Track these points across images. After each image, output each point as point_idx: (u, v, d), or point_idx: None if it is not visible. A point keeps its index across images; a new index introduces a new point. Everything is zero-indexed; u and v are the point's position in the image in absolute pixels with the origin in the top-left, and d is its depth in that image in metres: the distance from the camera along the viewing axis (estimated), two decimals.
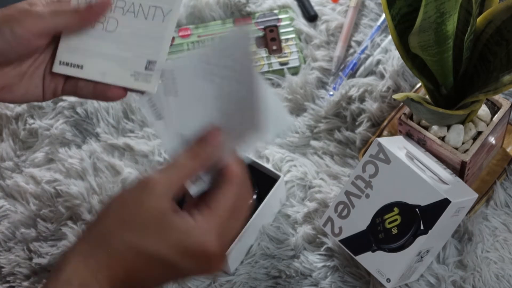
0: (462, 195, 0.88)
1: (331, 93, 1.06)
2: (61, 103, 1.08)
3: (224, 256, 0.74)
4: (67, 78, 0.82)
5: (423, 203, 0.86)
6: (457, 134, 0.89)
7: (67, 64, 0.81)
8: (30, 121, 1.07)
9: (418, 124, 0.91)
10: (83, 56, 0.81)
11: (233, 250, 0.92)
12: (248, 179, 0.75)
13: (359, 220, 0.88)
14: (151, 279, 0.72)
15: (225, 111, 0.75)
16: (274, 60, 1.09)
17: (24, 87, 0.81)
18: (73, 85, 0.82)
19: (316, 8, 1.12)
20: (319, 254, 0.96)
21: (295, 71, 1.08)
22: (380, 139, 0.88)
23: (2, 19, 0.76)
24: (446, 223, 0.87)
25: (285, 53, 1.09)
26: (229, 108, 0.75)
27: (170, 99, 0.77)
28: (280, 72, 1.08)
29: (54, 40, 0.81)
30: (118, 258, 0.70)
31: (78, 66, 0.81)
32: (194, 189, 0.75)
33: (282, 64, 1.08)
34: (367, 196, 0.88)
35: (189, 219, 0.71)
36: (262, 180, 0.95)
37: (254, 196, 0.94)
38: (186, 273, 0.72)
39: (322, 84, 1.07)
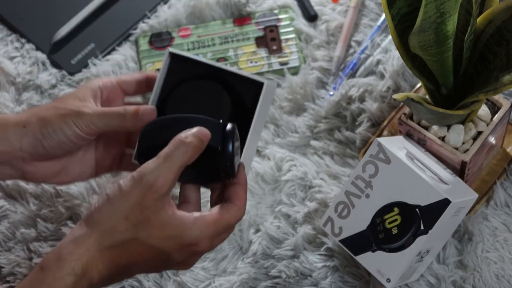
0: (462, 195, 0.88)
1: (331, 93, 1.06)
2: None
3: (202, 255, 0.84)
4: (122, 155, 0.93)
5: (423, 203, 0.86)
6: (457, 134, 0.89)
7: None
8: None
9: (418, 124, 0.91)
10: None
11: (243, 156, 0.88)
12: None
13: (359, 220, 0.88)
14: (147, 267, 0.81)
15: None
16: (274, 60, 1.09)
17: (79, 169, 0.90)
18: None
19: (316, 8, 1.12)
20: (319, 254, 0.96)
21: (295, 71, 1.08)
22: (380, 139, 0.88)
23: (59, 117, 0.85)
24: (446, 223, 0.87)
25: (285, 53, 1.09)
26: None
27: None
28: (280, 72, 1.08)
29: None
30: (122, 248, 0.78)
31: None
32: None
33: (282, 64, 1.08)
34: (367, 196, 0.88)
35: (187, 215, 0.79)
36: (245, 88, 0.89)
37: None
38: (175, 262, 0.81)
39: (322, 84, 1.07)
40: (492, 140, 0.93)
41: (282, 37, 1.10)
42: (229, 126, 0.83)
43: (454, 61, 0.86)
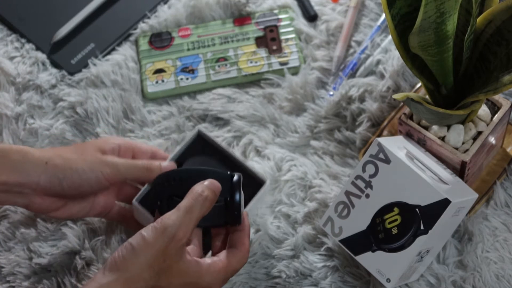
0: (462, 195, 0.88)
1: (331, 93, 1.06)
2: (61, 103, 1.08)
3: None
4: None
5: (423, 203, 0.86)
6: (457, 134, 0.89)
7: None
8: (30, 121, 1.07)
9: (418, 124, 0.91)
10: None
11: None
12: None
13: (359, 220, 0.88)
14: None
15: None
16: (274, 60, 1.09)
17: (78, 208, 0.93)
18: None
19: (316, 8, 1.12)
20: (319, 254, 0.96)
21: (295, 71, 1.08)
22: (380, 139, 0.88)
23: (85, 162, 0.90)
24: (446, 223, 0.87)
25: (285, 53, 1.09)
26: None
27: None
28: (280, 72, 1.08)
29: None
30: None
31: None
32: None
33: (282, 64, 1.08)
34: (367, 196, 0.88)
35: (202, 262, 0.84)
36: (247, 182, 0.96)
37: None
38: None
39: (322, 84, 1.07)
40: (492, 140, 0.93)
41: (282, 37, 1.10)
42: (236, 177, 0.90)
43: (454, 61, 0.86)
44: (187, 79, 1.08)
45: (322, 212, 0.98)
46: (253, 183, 0.96)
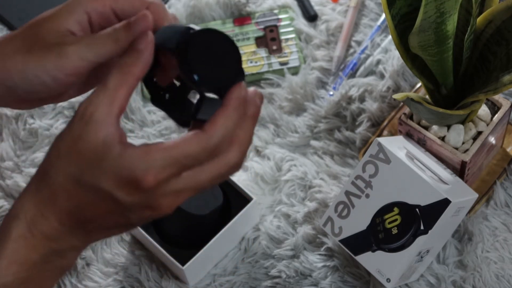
0: (462, 195, 0.88)
1: (331, 93, 1.06)
2: (61, 103, 1.08)
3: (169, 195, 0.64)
4: None
5: (423, 203, 0.86)
6: (457, 134, 0.89)
7: None
8: (30, 121, 1.07)
9: (418, 124, 0.91)
10: None
11: (191, 266, 0.92)
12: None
13: (359, 220, 0.88)
14: (99, 217, 0.65)
15: None
16: (274, 60, 1.09)
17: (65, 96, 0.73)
18: None
19: (316, 8, 1.12)
20: (319, 254, 0.96)
21: (295, 71, 1.08)
22: (380, 139, 0.88)
23: (31, 70, 0.67)
24: (446, 223, 0.87)
25: (285, 53, 1.09)
26: None
27: None
28: (280, 72, 1.08)
29: None
30: (59, 190, 0.64)
31: None
32: None
33: (282, 64, 1.08)
34: (367, 196, 0.88)
35: (132, 148, 0.63)
36: (235, 198, 0.96)
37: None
38: (129, 209, 0.64)
39: (322, 84, 1.07)
40: (492, 140, 0.93)
41: (282, 37, 1.10)
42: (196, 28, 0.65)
43: (454, 61, 0.86)
44: None
45: (322, 212, 0.98)
46: (242, 200, 0.96)
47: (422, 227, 0.86)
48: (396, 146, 0.89)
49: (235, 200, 0.96)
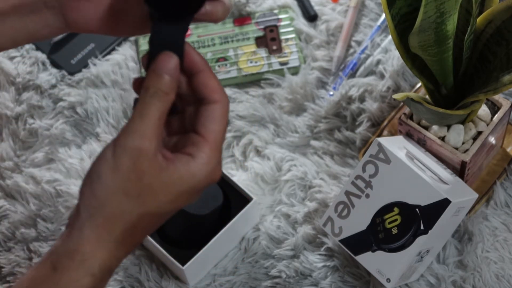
0: (462, 195, 0.88)
1: (331, 93, 1.06)
2: (61, 103, 1.08)
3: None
4: None
5: (423, 203, 0.86)
6: (457, 134, 0.89)
7: None
8: (30, 121, 1.07)
9: (418, 124, 0.91)
10: None
11: (191, 266, 0.92)
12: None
13: (359, 220, 0.88)
14: (151, 228, 0.70)
15: None
16: (274, 60, 1.09)
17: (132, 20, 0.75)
18: None
19: (316, 8, 1.12)
20: (319, 254, 0.96)
21: (295, 71, 1.08)
22: (380, 139, 0.88)
23: None
24: (446, 223, 0.87)
25: (285, 53, 1.09)
26: None
27: None
28: (280, 72, 1.08)
29: None
30: (134, 230, 0.67)
31: None
32: None
33: (282, 64, 1.08)
34: (367, 196, 0.88)
35: (185, 161, 0.67)
36: (235, 198, 0.96)
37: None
38: (179, 206, 0.69)
39: (322, 84, 1.08)
40: (492, 140, 0.93)
41: (282, 37, 1.10)
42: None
43: (454, 61, 0.86)
44: None
45: (322, 212, 0.98)
46: (242, 200, 0.96)
47: (422, 227, 0.86)
48: (396, 146, 0.89)
49: (235, 200, 0.96)
